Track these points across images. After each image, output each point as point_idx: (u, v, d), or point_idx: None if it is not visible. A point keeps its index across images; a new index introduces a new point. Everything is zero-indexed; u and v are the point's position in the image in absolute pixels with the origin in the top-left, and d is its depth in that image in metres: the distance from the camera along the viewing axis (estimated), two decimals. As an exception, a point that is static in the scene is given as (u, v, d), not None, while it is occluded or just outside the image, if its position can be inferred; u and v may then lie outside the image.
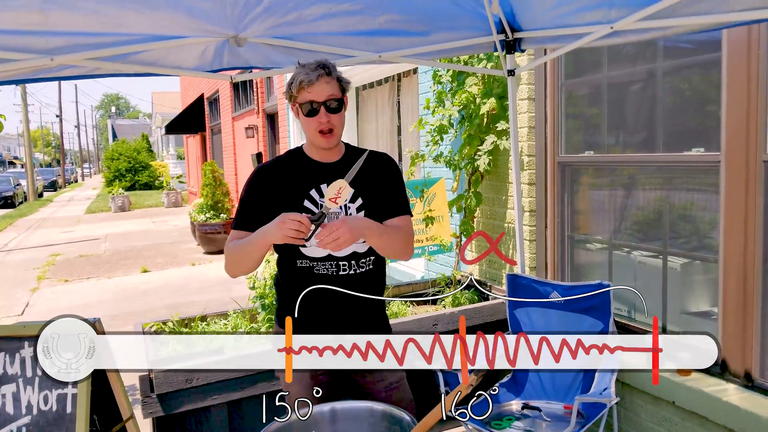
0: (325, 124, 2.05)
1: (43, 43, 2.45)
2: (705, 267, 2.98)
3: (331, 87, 2.03)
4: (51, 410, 2.40)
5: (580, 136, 3.68)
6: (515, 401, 3.08)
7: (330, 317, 2.16)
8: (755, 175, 2.60)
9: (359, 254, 2.15)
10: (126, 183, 29.79)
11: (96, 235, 14.21)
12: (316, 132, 2.07)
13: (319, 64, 2.05)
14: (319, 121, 2.04)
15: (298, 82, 2.02)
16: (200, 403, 2.94)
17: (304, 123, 2.09)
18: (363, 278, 2.17)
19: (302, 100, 2.04)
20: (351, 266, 2.14)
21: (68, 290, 8.41)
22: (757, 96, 2.57)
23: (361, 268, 2.16)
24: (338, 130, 2.10)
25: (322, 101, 2.02)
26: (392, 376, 2.22)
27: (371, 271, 2.20)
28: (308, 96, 2.02)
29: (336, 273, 2.13)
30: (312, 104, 2.03)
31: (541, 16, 2.92)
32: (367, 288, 2.19)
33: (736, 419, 2.55)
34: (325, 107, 2.03)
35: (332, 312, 2.16)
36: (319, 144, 2.10)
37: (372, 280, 2.21)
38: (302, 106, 2.06)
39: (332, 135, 2.08)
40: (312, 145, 2.16)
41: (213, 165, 11.48)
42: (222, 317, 3.90)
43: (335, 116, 2.06)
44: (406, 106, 6.21)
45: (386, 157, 2.27)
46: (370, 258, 2.18)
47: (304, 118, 2.08)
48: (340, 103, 2.06)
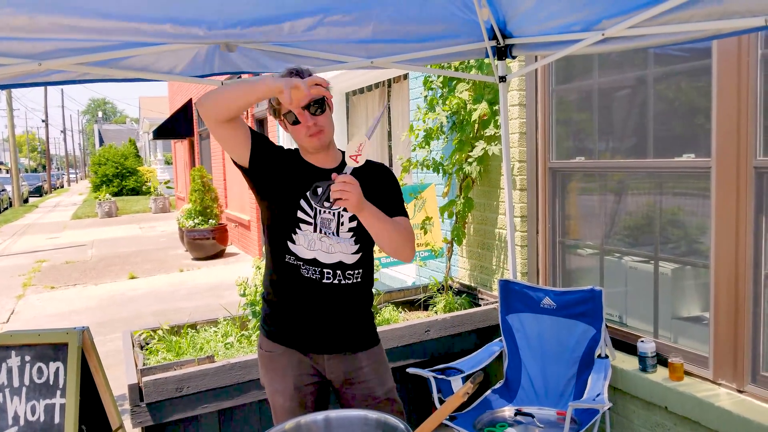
0: (313, 127, 2.01)
1: (30, 47, 2.42)
2: (696, 272, 2.99)
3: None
4: (38, 421, 2.36)
5: (571, 142, 3.69)
6: (508, 407, 3.07)
7: (315, 324, 2.13)
8: (746, 180, 2.62)
9: (345, 265, 2.10)
10: (113, 188, 29.56)
11: (82, 241, 14.08)
12: (306, 137, 2.02)
13: (291, 70, 2.01)
14: (306, 126, 2.00)
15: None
16: (190, 412, 2.91)
17: (294, 133, 2.05)
18: (347, 290, 2.13)
19: (285, 109, 2.00)
20: (335, 275, 2.10)
21: (54, 297, 8.31)
22: (748, 102, 2.59)
23: (347, 280, 2.12)
24: (328, 130, 2.06)
25: (303, 106, 1.98)
26: (380, 389, 2.18)
27: (358, 285, 2.15)
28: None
29: (319, 280, 2.09)
30: (294, 111, 1.98)
31: (532, 24, 2.93)
32: (354, 294, 2.16)
33: (728, 424, 2.56)
34: (308, 111, 1.99)
35: (316, 320, 2.13)
36: (313, 146, 2.05)
37: (357, 294, 2.17)
38: (287, 116, 2.02)
39: (323, 134, 2.03)
40: (307, 153, 2.12)
41: (202, 170, 11.42)
42: (212, 324, 3.87)
43: (321, 118, 2.02)
44: (397, 111, 6.20)
45: (383, 167, 2.24)
46: (358, 271, 2.14)
47: (291, 128, 2.04)
48: (322, 103, 2.01)
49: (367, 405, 2.14)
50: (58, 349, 2.40)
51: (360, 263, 2.13)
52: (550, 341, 3.14)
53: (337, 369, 2.17)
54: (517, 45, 3.14)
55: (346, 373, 2.17)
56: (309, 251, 2.07)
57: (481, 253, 4.40)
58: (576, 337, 3.05)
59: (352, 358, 2.17)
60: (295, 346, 2.15)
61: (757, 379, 2.66)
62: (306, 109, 1.99)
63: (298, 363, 2.16)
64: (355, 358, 2.18)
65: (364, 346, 2.20)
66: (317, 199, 2.03)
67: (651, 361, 2.97)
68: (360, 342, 2.19)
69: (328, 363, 2.16)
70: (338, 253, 2.09)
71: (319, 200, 2.01)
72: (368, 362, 2.19)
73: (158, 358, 3.38)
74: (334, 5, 2.62)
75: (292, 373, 2.15)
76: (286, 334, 2.16)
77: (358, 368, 2.17)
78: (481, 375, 1.67)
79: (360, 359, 2.18)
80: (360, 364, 2.17)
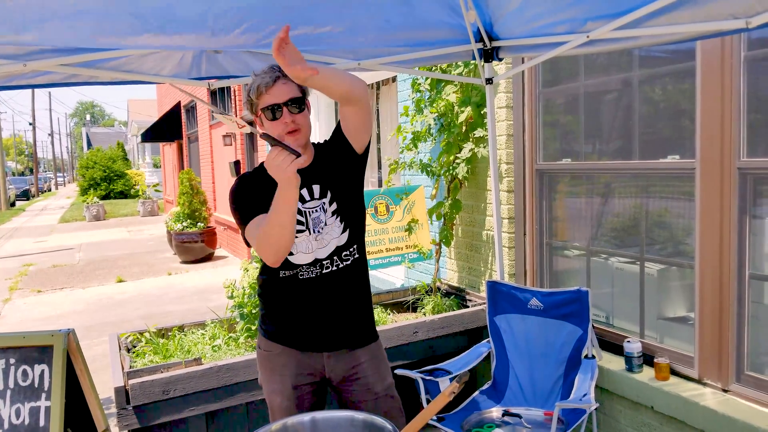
0: (291, 125, 1.98)
1: (14, 48, 2.41)
2: (681, 273, 3.02)
3: (289, 88, 1.97)
4: (23, 424, 2.34)
5: (557, 144, 3.71)
6: (496, 408, 3.08)
7: (315, 322, 2.14)
8: (730, 181, 2.65)
9: (341, 247, 2.12)
10: (101, 192, 29.37)
11: (70, 245, 13.98)
12: (283, 135, 1.98)
13: (273, 67, 1.99)
14: (284, 122, 1.97)
15: (255, 88, 1.96)
16: (177, 415, 2.89)
17: (269, 128, 2.00)
18: (347, 273, 2.15)
19: (263, 104, 1.97)
20: (334, 262, 2.11)
21: (41, 301, 8.24)
22: (731, 104, 2.62)
23: (345, 261, 2.14)
24: (305, 130, 2.03)
25: (283, 102, 1.96)
26: (379, 385, 2.19)
27: (355, 263, 2.17)
28: (268, 99, 1.95)
29: (320, 273, 2.10)
30: (273, 107, 1.96)
31: (518, 25, 2.94)
32: (353, 282, 2.17)
33: (713, 424, 2.58)
34: (287, 108, 1.97)
35: (315, 318, 2.14)
36: (289, 145, 2.05)
37: (356, 273, 2.18)
38: (264, 112, 1.98)
39: (300, 133, 2.00)
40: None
41: (190, 173, 11.37)
42: (199, 327, 3.85)
43: (299, 116, 1.99)
44: (386, 114, 6.21)
45: (328, 137, 2.18)
46: (352, 248, 2.15)
47: (269, 124, 1.99)
48: (301, 102, 2.00)
49: (367, 401, 2.15)
50: (43, 352, 2.38)
51: (351, 240, 2.14)
52: (538, 342, 3.15)
53: (336, 367, 2.17)
54: (503, 47, 3.16)
55: (345, 370, 2.17)
56: (307, 255, 2.09)
57: (469, 255, 4.41)
58: (563, 337, 3.06)
59: (351, 355, 2.18)
60: (294, 345, 2.16)
61: (741, 379, 2.69)
62: (285, 106, 1.97)
63: (297, 362, 2.16)
64: (354, 355, 2.18)
65: (362, 342, 2.20)
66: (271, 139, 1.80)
67: (637, 361, 2.99)
68: (359, 338, 2.20)
69: (327, 361, 2.17)
70: (332, 241, 2.10)
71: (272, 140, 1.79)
72: (367, 358, 2.19)
73: (145, 361, 3.36)
74: (324, 18, 2.62)
75: (290, 372, 2.15)
76: (284, 334, 2.17)
77: (356, 365, 2.18)
78: (466, 375, 1.68)
79: (359, 356, 2.18)
80: (359, 360, 2.18)
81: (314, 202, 2.08)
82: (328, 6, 2.53)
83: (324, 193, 2.10)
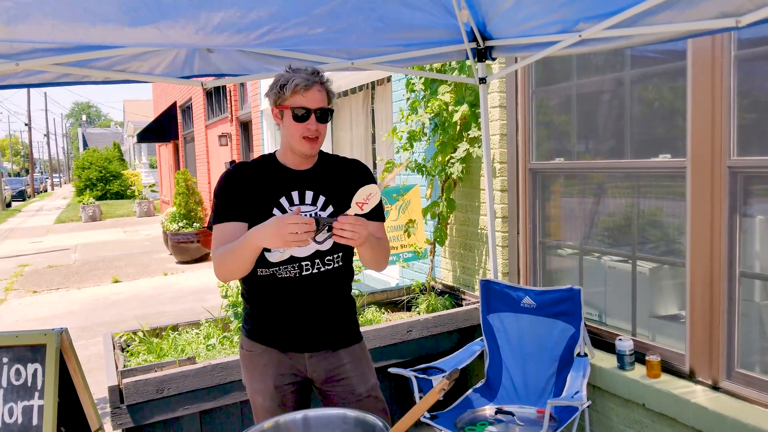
0: (313, 132, 2.00)
1: (7, 47, 2.41)
2: (673, 271, 3.03)
3: (322, 96, 2.01)
4: (16, 423, 2.35)
5: (550, 143, 3.73)
6: (489, 406, 3.09)
7: (295, 322, 2.13)
8: (720, 180, 2.66)
9: (323, 252, 2.09)
10: (97, 192, 29.29)
11: (66, 246, 13.95)
12: (300, 138, 2.00)
13: (315, 71, 2.02)
14: (308, 127, 1.99)
15: (293, 85, 1.96)
16: (171, 414, 2.90)
17: (290, 127, 2.01)
18: (328, 277, 2.12)
19: (294, 104, 1.98)
20: (314, 265, 2.09)
21: (37, 301, 8.23)
22: (722, 103, 2.64)
23: (327, 266, 2.11)
24: (322, 139, 2.07)
25: (314, 108, 1.98)
26: (362, 386, 2.18)
27: (338, 269, 2.15)
28: (301, 101, 1.97)
29: (299, 274, 2.08)
30: (304, 110, 1.97)
31: (511, 25, 2.96)
32: (333, 286, 2.15)
33: (704, 420, 2.59)
34: (315, 115, 1.99)
35: (297, 317, 2.12)
36: (303, 150, 2.04)
37: (338, 277, 2.16)
38: (294, 110, 1.99)
39: (317, 142, 2.04)
40: (289, 152, 2.09)
41: (186, 174, 11.37)
42: (194, 326, 3.86)
43: (323, 126, 2.03)
44: (380, 114, 6.23)
45: (359, 164, 2.22)
46: (337, 254, 2.13)
47: (290, 122, 2.00)
48: (328, 114, 2.03)
49: (350, 403, 2.13)
50: (36, 351, 2.38)
51: (337, 248, 2.11)
52: (530, 340, 3.17)
53: (318, 367, 2.16)
54: (497, 47, 3.18)
55: (328, 371, 2.16)
56: (283, 253, 2.06)
57: (463, 254, 4.42)
58: (555, 335, 3.08)
59: (333, 355, 2.17)
60: (275, 345, 2.15)
61: (732, 376, 2.71)
62: (314, 113, 1.99)
63: (278, 362, 2.15)
64: (337, 356, 2.17)
65: (345, 343, 2.19)
66: (317, 231, 1.87)
67: (629, 359, 3.00)
68: (341, 339, 2.19)
69: (309, 361, 2.16)
70: (312, 244, 2.05)
71: (318, 232, 1.87)
72: (350, 359, 2.18)
73: (139, 360, 3.36)
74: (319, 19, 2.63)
75: (271, 372, 2.15)
76: (265, 334, 2.16)
77: (339, 366, 2.16)
78: (457, 372, 1.69)
79: (341, 357, 2.17)
80: (341, 361, 2.17)
81: (305, 207, 2.07)
82: (323, 6, 2.54)
83: (315, 202, 2.09)
